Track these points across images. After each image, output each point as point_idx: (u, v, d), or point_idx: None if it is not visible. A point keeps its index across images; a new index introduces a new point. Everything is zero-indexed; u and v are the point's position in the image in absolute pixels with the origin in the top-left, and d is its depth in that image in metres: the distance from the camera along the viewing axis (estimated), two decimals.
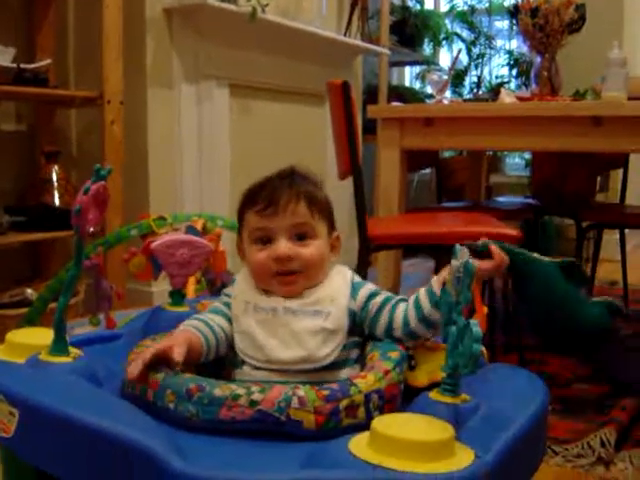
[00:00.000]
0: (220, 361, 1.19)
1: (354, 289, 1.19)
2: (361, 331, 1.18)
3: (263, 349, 1.12)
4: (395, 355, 1.07)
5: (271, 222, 1.17)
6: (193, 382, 0.96)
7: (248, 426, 0.92)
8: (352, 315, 1.16)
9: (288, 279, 1.17)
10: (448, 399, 0.94)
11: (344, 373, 1.12)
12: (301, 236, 1.18)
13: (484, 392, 1.00)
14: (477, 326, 0.89)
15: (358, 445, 0.83)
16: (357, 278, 1.22)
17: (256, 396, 0.93)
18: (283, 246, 1.16)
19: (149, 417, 0.92)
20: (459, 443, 0.84)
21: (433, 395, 0.95)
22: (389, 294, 1.20)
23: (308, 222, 1.18)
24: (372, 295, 1.18)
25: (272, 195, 1.17)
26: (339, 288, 1.18)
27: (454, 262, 0.95)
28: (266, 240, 1.18)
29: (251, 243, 1.20)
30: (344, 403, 0.94)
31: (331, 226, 1.24)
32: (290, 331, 1.12)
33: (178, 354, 1.03)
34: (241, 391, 0.94)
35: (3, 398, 0.94)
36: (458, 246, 0.96)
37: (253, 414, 0.92)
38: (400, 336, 1.14)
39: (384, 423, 0.84)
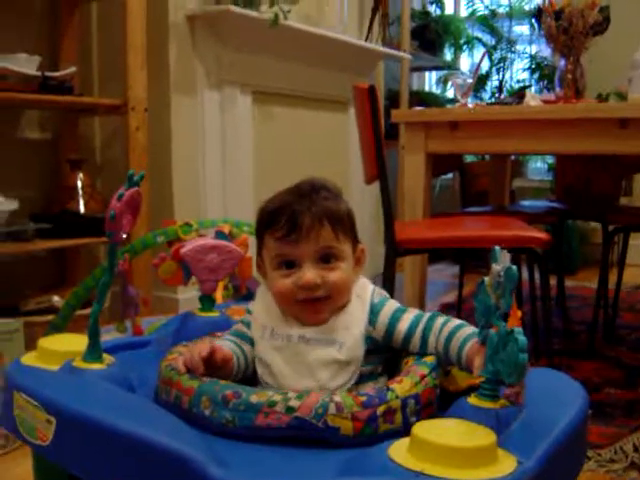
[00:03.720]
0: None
1: (373, 313, 1.12)
2: (387, 348, 1.13)
3: (277, 377, 1.09)
4: (430, 360, 1.06)
5: (295, 249, 1.10)
6: (229, 389, 0.95)
7: (285, 433, 0.91)
8: (370, 341, 1.11)
9: (315, 307, 1.11)
10: (488, 404, 0.92)
11: (367, 387, 1.08)
12: (327, 258, 1.11)
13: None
14: (522, 334, 0.86)
15: (398, 451, 0.81)
16: (377, 296, 1.16)
17: (293, 402, 0.91)
18: (310, 274, 1.09)
19: (186, 424, 0.91)
20: (501, 449, 0.82)
21: (472, 400, 0.93)
22: (412, 316, 1.12)
23: (333, 245, 1.12)
24: (394, 320, 1.11)
25: (294, 220, 1.09)
26: (356, 315, 1.12)
27: (495, 266, 0.92)
28: (289, 265, 1.12)
29: (273, 269, 1.13)
30: (381, 409, 0.93)
31: (355, 240, 1.17)
32: (303, 361, 1.08)
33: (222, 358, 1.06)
34: (278, 397, 0.92)
35: (40, 406, 0.93)
36: (498, 249, 0.94)
37: (290, 421, 0.91)
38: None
39: (424, 429, 0.82)
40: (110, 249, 1.07)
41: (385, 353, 1.14)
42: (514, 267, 0.89)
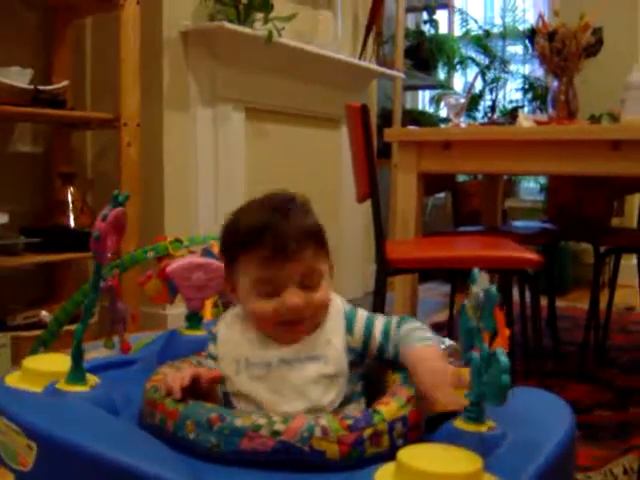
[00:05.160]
0: None
1: (349, 322, 1.11)
2: (362, 360, 1.12)
3: (263, 407, 1.04)
4: None
5: (280, 271, 1.05)
6: (214, 412, 0.94)
7: (270, 457, 0.89)
8: (351, 351, 1.10)
9: (298, 328, 1.08)
10: (474, 427, 0.91)
11: (348, 410, 1.05)
12: (309, 280, 1.08)
13: (510, 417, 0.96)
14: (504, 355, 0.85)
15: (384, 477, 0.80)
16: (346, 305, 1.14)
17: (278, 426, 0.90)
18: (295, 297, 1.05)
19: (170, 449, 0.90)
20: (488, 474, 0.81)
21: (458, 423, 0.92)
22: (383, 323, 1.12)
23: (316, 267, 1.08)
24: (368, 328, 1.11)
25: (278, 239, 1.05)
26: (333, 327, 1.10)
27: (473, 288, 0.92)
28: (272, 290, 1.06)
29: (253, 293, 1.08)
30: (368, 432, 0.91)
31: (328, 256, 1.13)
32: (289, 384, 1.05)
33: (208, 381, 1.03)
34: (263, 421, 0.91)
35: (20, 431, 0.91)
36: (476, 271, 0.93)
37: (275, 445, 0.89)
38: None
39: (410, 455, 0.81)
40: (95, 269, 1.06)
41: (361, 367, 1.12)
42: (493, 288, 0.89)
